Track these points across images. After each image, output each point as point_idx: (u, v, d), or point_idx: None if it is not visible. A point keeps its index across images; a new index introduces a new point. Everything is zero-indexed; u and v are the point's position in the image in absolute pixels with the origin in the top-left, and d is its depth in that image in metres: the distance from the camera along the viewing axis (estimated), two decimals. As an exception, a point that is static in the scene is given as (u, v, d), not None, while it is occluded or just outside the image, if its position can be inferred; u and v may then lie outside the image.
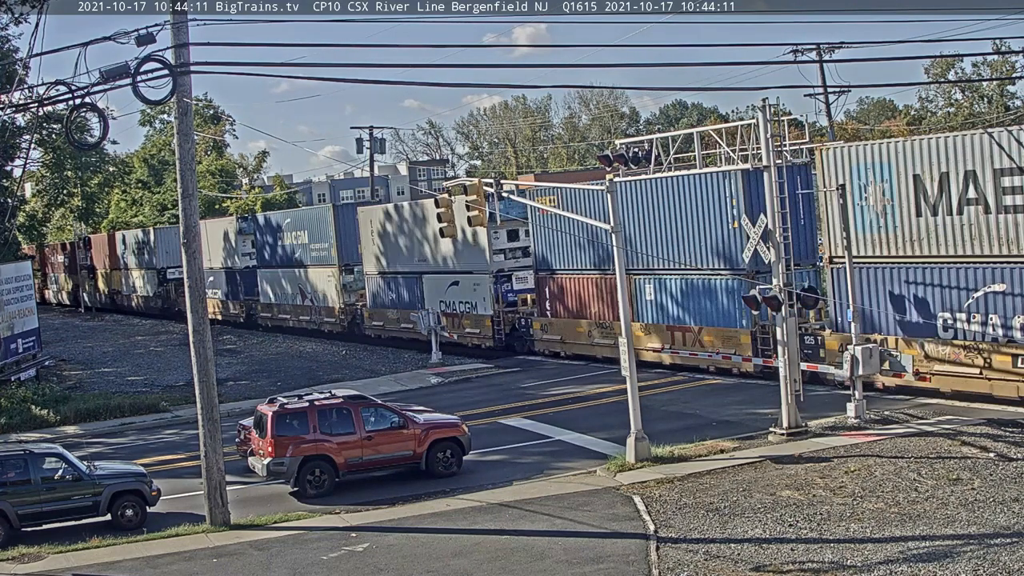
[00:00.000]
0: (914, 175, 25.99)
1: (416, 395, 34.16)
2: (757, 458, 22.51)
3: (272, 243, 55.80)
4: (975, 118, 69.58)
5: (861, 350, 24.86)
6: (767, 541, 17.23)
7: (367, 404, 24.07)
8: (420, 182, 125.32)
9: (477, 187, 28.49)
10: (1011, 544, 16.03)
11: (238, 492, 22.98)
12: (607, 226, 24.79)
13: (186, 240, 20.98)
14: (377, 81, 47.12)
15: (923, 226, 26.04)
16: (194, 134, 21.34)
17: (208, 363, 20.95)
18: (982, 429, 23.22)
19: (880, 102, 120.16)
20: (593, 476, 22.58)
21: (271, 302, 56.25)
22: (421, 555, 17.91)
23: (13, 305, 41.16)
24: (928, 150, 25.64)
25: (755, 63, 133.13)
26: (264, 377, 41.30)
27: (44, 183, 66.00)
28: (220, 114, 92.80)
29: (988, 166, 24.52)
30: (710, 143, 28.06)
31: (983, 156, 24.61)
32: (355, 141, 66.82)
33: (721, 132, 27.34)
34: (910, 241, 26.30)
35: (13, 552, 19.51)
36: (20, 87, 25.96)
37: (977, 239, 25.00)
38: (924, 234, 26.03)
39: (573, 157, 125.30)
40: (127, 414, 34.39)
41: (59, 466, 21.53)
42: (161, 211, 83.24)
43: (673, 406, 29.18)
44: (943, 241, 25.73)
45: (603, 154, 27.91)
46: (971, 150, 24.89)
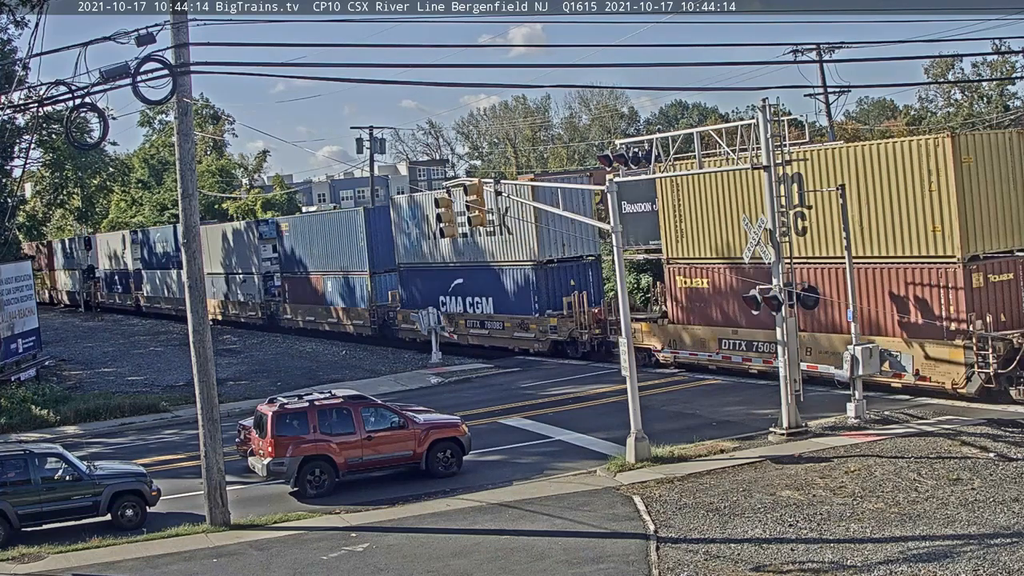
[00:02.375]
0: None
1: (416, 395, 34.17)
2: (757, 458, 22.52)
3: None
4: (975, 118, 69.60)
5: (861, 350, 24.88)
6: (767, 541, 17.23)
7: (367, 404, 24.07)
8: (420, 182, 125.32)
9: (477, 187, 28.52)
10: (1011, 544, 16.04)
11: (238, 492, 22.98)
12: (607, 226, 24.79)
13: (186, 240, 20.97)
14: (377, 81, 47.22)
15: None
16: (194, 134, 21.33)
17: (208, 363, 20.94)
18: (982, 429, 23.23)
19: (880, 102, 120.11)
20: (593, 476, 22.58)
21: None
22: (421, 555, 17.91)
23: (13, 305, 41.16)
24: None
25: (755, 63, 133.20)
26: (264, 377, 41.31)
27: (44, 183, 66.04)
28: (219, 114, 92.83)
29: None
30: (710, 143, 28.04)
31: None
32: (355, 141, 66.84)
33: (721, 132, 27.27)
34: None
35: (13, 552, 19.51)
36: (20, 87, 25.96)
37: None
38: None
39: (573, 157, 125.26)
40: (127, 414, 34.40)
41: (59, 466, 21.52)
42: (161, 211, 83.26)
43: (673, 406, 29.19)
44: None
45: (603, 154, 27.84)
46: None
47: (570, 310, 37.99)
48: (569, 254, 39.21)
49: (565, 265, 39.07)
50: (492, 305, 41.17)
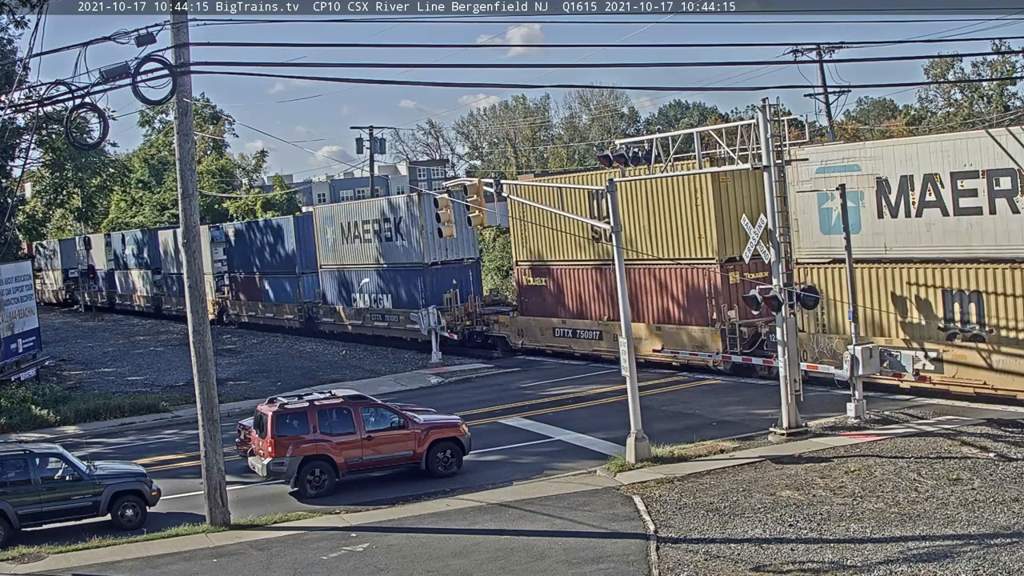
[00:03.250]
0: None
1: (416, 395, 34.17)
2: (757, 458, 22.52)
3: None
4: (975, 118, 69.60)
5: (861, 350, 24.88)
6: (767, 541, 17.23)
7: (367, 404, 24.07)
8: (420, 182, 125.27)
9: (477, 187, 28.52)
10: (1011, 544, 16.04)
11: (238, 492, 22.98)
12: (606, 226, 24.79)
13: (186, 240, 20.97)
14: (377, 81, 47.41)
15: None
16: (194, 134, 21.33)
17: (208, 363, 20.94)
18: (982, 429, 23.23)
19: (880, 102, 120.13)
20: (593, 476, 22.58)
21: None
22: (421, 555, 17.91)
23: (13, 305, 41.15)
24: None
25: (755, 63, 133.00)
26: (264, 377, 41.31)
27: (44, 183, 66.03)
28: (219, 114, 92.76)
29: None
30: (710, 143, 28.05)
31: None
32: (355, 141, 66.84)
33: (721, 132, 27.29)
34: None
35: (13, 552, 19.51)
36: (20, 87, 25.94)
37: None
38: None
39: (573, 157, 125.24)
40: (127, 414, 34.39)
41: (59, 466, 21.52)
42: (161, 211, 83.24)
43: (673, 406, 29.20)
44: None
45: (603, 154, 27.85)
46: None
47: (448, 305, 43.08)
48: (452, 257, 44.63)
49: (448, 267, 44.67)
50: (391, 301, 46.76)
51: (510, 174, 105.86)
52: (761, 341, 30.90)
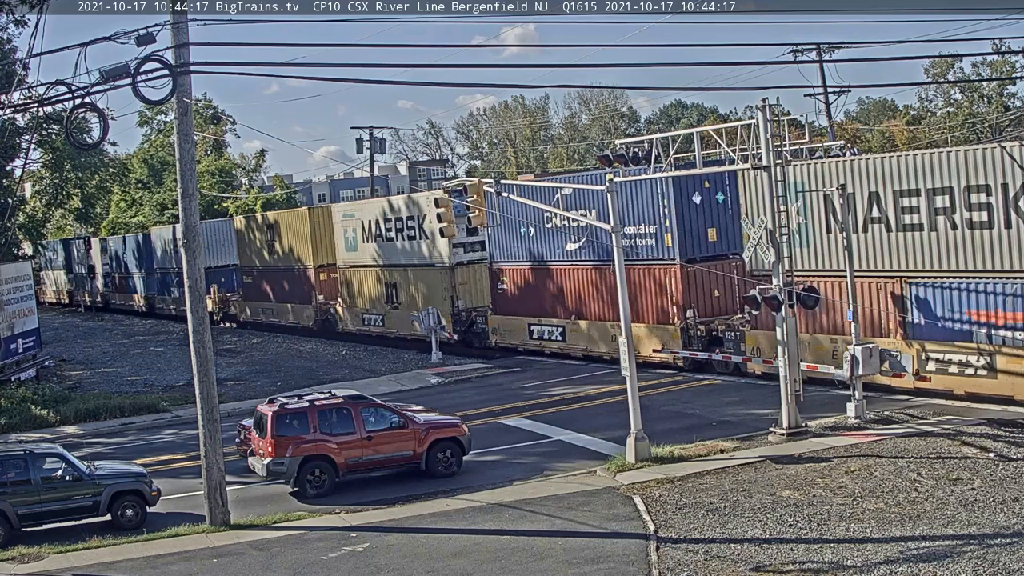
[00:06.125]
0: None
1: (416, 395, 34.16)
2: (757, 458, 22.51)
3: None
4: (975, 118, 69.62)
5: (861, 350, 24.88)
6: (767, 541, 17.23)
7: (367, 404, 24.07)
8: (420, 182, 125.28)
9: (477, 187, 28.51)
10: (1011, 544, 16.04)
11: (238, 492, 22.99)
12: (607, 226, 24.79)
13: (186, 240, 20.97)
14: (377, 81, 47.27)
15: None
16: (194, 134, 21.33)
17: (208, 363, 20.94)
18: (982, 429, 23.22)
19: (880, 102, 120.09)
20: (593, 476, 22.58)
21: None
22: (421, 555, 17.92)
23: (13, 305, 41.15)
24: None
25: (755, 63, 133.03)
26: (264, 377, 41.30)
27: (44, 183, 65.97)
28: (220, 113, 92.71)
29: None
30: (710, 143, 28.04)
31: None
32: (355, 141, 66.92)
33: (721, 132, 27.28)
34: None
35: (13, 552, 19.52)
36: (20, 87, 25.95)
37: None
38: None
39: (573, 157, 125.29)
40: (127, 414, 34.38)
41: (59, 466, 21.52)
42: (161, 211, 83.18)
43: (673, 406, 29.20)
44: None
45: (603, 154, 27.85)
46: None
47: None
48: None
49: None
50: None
51: (510, 174, 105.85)
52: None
